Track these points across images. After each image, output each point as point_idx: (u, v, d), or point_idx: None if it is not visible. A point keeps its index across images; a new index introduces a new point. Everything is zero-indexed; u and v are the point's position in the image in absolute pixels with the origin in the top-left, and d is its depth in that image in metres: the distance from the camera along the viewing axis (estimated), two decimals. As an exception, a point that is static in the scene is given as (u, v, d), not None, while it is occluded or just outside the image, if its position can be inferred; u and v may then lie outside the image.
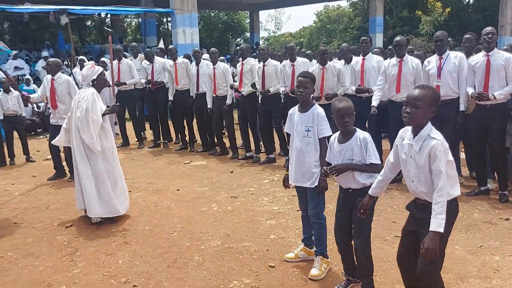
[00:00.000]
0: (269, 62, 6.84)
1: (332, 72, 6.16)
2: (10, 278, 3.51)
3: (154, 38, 17.09)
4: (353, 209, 3.02)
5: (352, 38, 24.00)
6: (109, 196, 4.55)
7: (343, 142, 3.03)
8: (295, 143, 3.46)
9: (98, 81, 4.56)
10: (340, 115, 2.97)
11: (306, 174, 3.42)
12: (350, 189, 3.04)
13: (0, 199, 5.55)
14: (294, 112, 3.53)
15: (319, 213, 3.44)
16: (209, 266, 3.64)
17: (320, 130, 3.34)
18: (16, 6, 11.74)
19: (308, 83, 3.37)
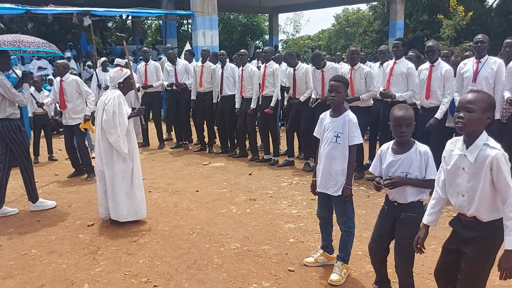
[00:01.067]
0: (300, 65, 6.79)
1: (360, 74, 6.07)
2: (35, 275, 3.59)
3: (175, 40, 17.26)
4: (397, 223, 2.88)
5: (371, 42, 23.86)
6: (121, 200, 4.53)
7: (399, 153, 2.84)
8: (323, 148, 3.42)
9: (124, 84, 4.61)
10: (397, 124, 2.77)
11: (331, 181, 3.37)
12: (396, 202, 2.88)
13: (24, 197, 5.66)
14: (325, 116, 3.48)
15: (347, 221, 3.39)
16: (229, 268, 3.66)
17: (351, 138, 3.28)
18: (41, 8, 11.99)
19: (340, 87, 3.31)
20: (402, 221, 2.86)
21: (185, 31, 22.45)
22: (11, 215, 4.99)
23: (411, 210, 2.84)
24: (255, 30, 27.00)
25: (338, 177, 3.33)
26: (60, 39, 20.25)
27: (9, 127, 4.93)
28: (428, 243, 4.00)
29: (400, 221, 2.87)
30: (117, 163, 4.52)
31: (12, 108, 4.96)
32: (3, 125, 4.90)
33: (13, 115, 4.97)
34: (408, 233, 2.82)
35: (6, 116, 4.91)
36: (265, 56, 7.19)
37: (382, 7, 22.38)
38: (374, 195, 5.50)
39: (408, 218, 2.85)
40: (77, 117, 6.38)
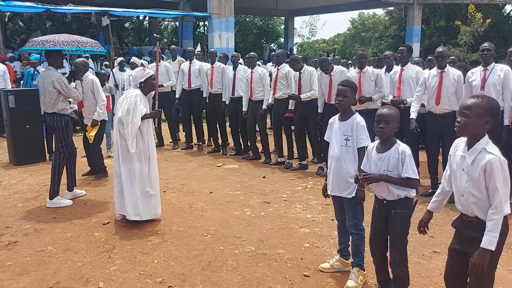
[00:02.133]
0: (304, 68, 6.78)
1: (369, 77, 6.08)
2: (50, 272, 3.61)
3: (190, 41, 17.34)
4: (388, 220, 2.98)
5: (387, 47, 23.70)
6: (136, 199, 4.54)
7: (381, 152, 2.97)
8: (333, 152, 3.43)
9: (146, 85, 4.62)
10: (377, 120, 2.93)
11: (343, 184, 3.38)
12: (385, 200, 2.98)
13: (40, 194, 5.73)
14: (334, 120, 3.51)
15: (357, 224, 3.40)
16: (243, 271, 3.64)
17: (358, 140, 3.31)
18: (60, 7, 12.15)
19: (347, 91, 3.34)
20: (393, 218, 2.96)
21: (201, 33, 22.58)
22: (29, 211, 5.04)
23: (399, 207, 2.94)
24: (271, 33, 27.03)
25: (350, 179, 3.34)
26: (78, 39, 20.50)
27: (59, 121, 5.24)
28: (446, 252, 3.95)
29: (391, 218, 2.96)
30: (134, 162, 4.53)
31: (64, 103, 5.27)
32: (54, 119, 5.22)
33: (63, 111, 5.27)
34: (399, 228, 2.96)
35: (57, 111, 5.21)
36: (277, 59, 7.19)
37: (399, 12, 22.23)
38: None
39: (398, 214, 2.95)
40: (91, 117, 6.39)
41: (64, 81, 5.22)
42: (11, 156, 7.38)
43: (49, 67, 5.30)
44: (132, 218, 4.56)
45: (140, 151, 4.58)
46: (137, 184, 4.56)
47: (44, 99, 5.32)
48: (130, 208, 4.55)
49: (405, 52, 6.14)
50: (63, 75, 5.46)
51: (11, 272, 3.61)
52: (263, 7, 21.62)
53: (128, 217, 4.58)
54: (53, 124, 5.25)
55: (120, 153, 4.55)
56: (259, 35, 26.45)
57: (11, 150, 7.34)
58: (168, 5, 16.18)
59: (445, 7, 20.46)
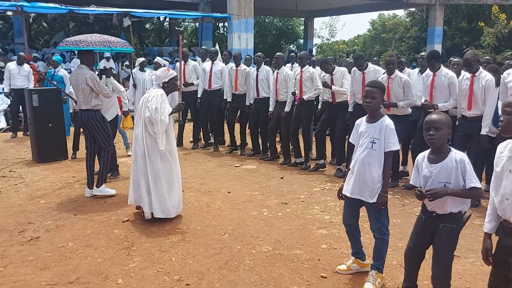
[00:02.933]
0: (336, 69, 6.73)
1: (397, 83, 5.92)
2: (71, 267, 3.68)
3: (210, 42, 17.45)
4: (435, 233, 2.79)
5: (408, 48, 23.44)
6: (163, 196, 4.63)
7: (435, 162, 2.74)
8: (358, 154, 3.37)
9: (169, 85, 4.70)
10: (426, 126, 2.71)
11: (365, 188, 3.32)
12: (434, 213, 2.79)
13: (62, 191, 5.84)
14: (361, 122, 3.43)
15: (381, 228, 3.32)
16: (260, 271, 3.64)
17: (387, 144, 3.22)
18: (83, 8, 12.38)
19: (376, 93, 3.26)
20: (441, 232, 2.77)
21: (220, 33, 22.70)
22: (50, 208, 5.14)
23: (450, 221, 2.75)
24: (290, 34, 27.01)
25: (373, 183, 3.28)
26: (99, 39, 20.87)
27: (94, 116, 5.49)
28: (466, 256, 3.90)
29: (439, 232, 2.78)
30: (160, 160, 4.61)
31: (96, 100, 5.52)
32: (88, 115, 5.48)
33: (96, 106, 5.54)
34: (447, 244, 2.77)
35: (92, 107, 5.48)
36: (300, 61, 7.16)
37: (420, 13, 21.96)
38: (409, 204, 5.38)
39: (447, 229, 2.76)
40: (109, 113, 6.40)
41: (96, 78, 5.46)
42: (34, 154, 7.54)
43: (81, 65, 5.54)
44: (158, 216, 4.62)
45: (166, 149, 4.65)
46: (163, 182, 4.63)
47: (78, 96, 5.53)
48: (157, 205, 4.61)
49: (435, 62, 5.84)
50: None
51: (33, 267, 3.69)
52: (282, 8, 21.62)
53: (155, 215, 4.63)
54: (88, 120, 5.48)
55: (147, 152, 4.61)
56: (278, 36, 26.45)
57: (34, 148, 7.50)
58: (188, 6, 16.32)
59: (467, 8, 20.13)
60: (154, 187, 4.62)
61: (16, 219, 4.77)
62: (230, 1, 13.85)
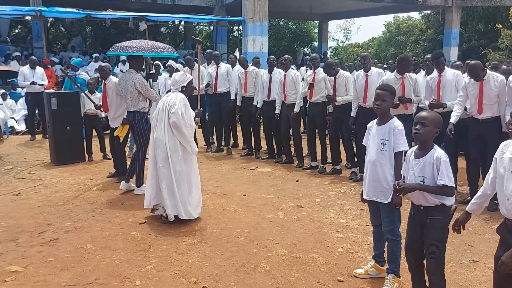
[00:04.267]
0: (340, 73, 6.75)
1: (409, 82, 5.96)
2: (89, 268, 3.73)
3: (225, 46, 17.54)
4: (424, 227, 2.89)
5: (423, 50, 23.22)
6: (184, 198, 4.68)
7: (418, 157, 2.89)
8: (370, 156, 3.40)
9: (187, 88, 4.80)
10: (414, 122, 2.86)
11: (379, 189, 3.34)
12: (421, 206, 2.89)
13: (80, 193, 5.92)
14: (372, 125, 3.48)
15: (394, 229, 3.35)
16: (277, 274, 3.65)
17: (395, 144, 3.26)
18: (100, 12, 12.55)
19: (386, 96, 3.30)
20: (429, 225, 2.87)
21: (234, 37, 22.79)
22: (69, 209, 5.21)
23: (437, 213, 2.84)
24: (304, 37, 26.96)
25: (386, 184, 3.30)
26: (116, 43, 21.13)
27: (140, 118, 5.77)
28: (485, 262, 3.85)
29: (427, 224, 2.87)
30: (184, 163, 4.69)
31: (143, 103, 5.80)
32: (135, 116, 5.76)
33: (143, 109, 5.82)
34: (436, 236, 2.87)
35: (138, 109, 5.75)
36: (314, 63, 7.17)
37: (436, 15, 21.76)
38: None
39: (435, 221, 2.86)
40: (119, 120, 6.46)
41: (145, 82, 5.74)
42: (52, 156, 7.66)
43: (130, 69, 5.83)
44: (183, 218, 4.68)
45: (186, 153, 4.72)
46: (185, 184, 4.70)
47: (126, 98, 5.80)
48: (181, 208, 4.66)
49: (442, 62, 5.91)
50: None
51: (53, 267, 3.75)
52: (297, 11, 21.60)
53: (181, 217, 4.68)
54: (134, 121, 5.77)
55: (170, 155, 4.66)
56: (292, 39, 26.44)
57: (52, 150, 7.62)
58: (203, 10, 16.44)
59: (484, 10, 19.90)
60: (178, 190, 4.67)
61: (35, 220, 4.86)
62: (245, 4, 13.91)
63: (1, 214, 5.04)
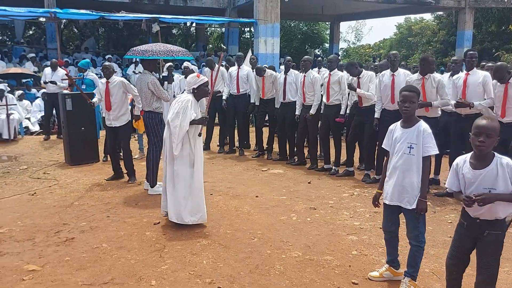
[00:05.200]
0: (364, 73, 6.67)
1: (431, 83, 5.81)
2: (105, 268, 3.77)
3: (236, 47, 17.59)
4: (479, 241, 2.74)
5: (435, 52, 23.07)
6: (177, 201, 4.61)
7: (479, 168, 2.68)
8: (395, 161, 3.33)
9: (198, 91, 4.73)
10: (477, 132, 2.61)
11: (404, 194, 3.28)
12: (478, 219, 2.72)
13: (95, 193, 5.99)
14: (395, 128, 3.40)
15: (418, 236, 3.29)
16: (291, 276, 3.65)
17: (425, 148, 3.18)
18: (113, 14, 12.67)
19: (414, 97, 3.24)
20: (486, 239, 2.72)
21: (246, 38, 22.84)
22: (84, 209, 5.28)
23: (495, 228, 2.70)
24: (315, 38, 26.94)
25: (412, 189, 3.24)
26: (128, 44, 21.29)
27: (153, 118, 5.88)
28: (501, 265, 3.80)
29: (483, 239, 2.73)
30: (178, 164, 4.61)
31: (157, 103, 5.89)
32: (149, 116, 5.88)
33: (157, 109, 5.90)
34: (493, 251, 2.72)
35: (153, 109, 5.86)
36: (330, 64, 7.13)
37: (449, 17, 21.59)
38: (440, 211, 5.30)
39: (492, 236, 2.72)
40: (122, 119, 6.51)
41: (157, 83, 5.82)
42: (66, 156, 7.75)
43: (145, 71, 5.98)
44: (172, 220, 4.65)
45: (187, 155, 4.64)
46: (180, 186, 4.62)
47: (141, 99, 5.95)
48: (171, 209, 4.64)
49: (475, 57, 5.82)
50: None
51: (69, 267, 3.79)
52: (309, 12, 21.59)
53: (169, 218, 4.68)
54: (149, 120, 5.89)
55: (168, 154, 4.67)
56: (303, 40, 26.43)
57: (67, 150, 7.71)
58: (215, 11, 16.51)
59: (498, 12, 19.70)
60: (171, 190, 4.64)
61: (51, 220, 4.92)
62: (257, 6, 13.96)
63: (17, 214, 5.11)
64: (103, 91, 6.53)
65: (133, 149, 8.80)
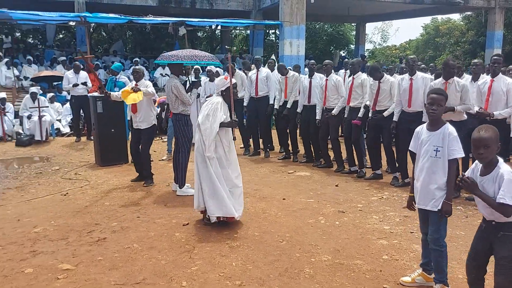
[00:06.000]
0: (385, 78, 6.62)
1: (455, 87, 5.70)
2: (137, 268, 3.83)
3: (261, 49, 17.64)
4: (495, 243, 2.77)
5: (464, 53, 22.59)
6: (223, 198, 4.70)
7: (483, 174, 2.79)
8: (421, 163, 3.32)
9: (227, 93, 4.81)
10: (475, 145, 2.72)
11: (430, 197, 3.26)
12: (493, 221, 2.77)
13: (125, 194, 6.10)
14: (421, 130, 3.39)
15: (439, 239, 3.25)
16: (321, 280, 3.63)
17: (451, 151, 3.17)
18: (141, 18, 12.88)
19: (442, 100, 3.23)
20: (500, 240, 2.74)
21: (270, 40, 22.84)
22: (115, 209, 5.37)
23: (510, 229, 2.71)
24: (341, 40, 26.74)
25: (438, 192, 3.22)
26: (155, 47, 21.63)
27: (180, 120, 6.03)
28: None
29: (498, 240, 2.75)
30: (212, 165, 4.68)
31: (183, 105, 6.04)
32: (176, 118, 6.06)
33: (183, 111, 6.05)
34: (507, 252, 2.72)
35: (179, 112, 6.03)
36: (352, 68, 7.09)
37: (478, 16, 21.11)
38: (473, 215, 5.18)
39: (506, 237, 2.73)
40: (147, 121, 6.54)
41: (179, 87, 5.96)
42: (97, 157, 7.92)
43: (171, 75, 6.22)
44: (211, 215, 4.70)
45: (220, 156, 4.73)
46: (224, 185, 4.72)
47: (169, 102, 6.19)
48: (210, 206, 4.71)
49: (501, 62, 5.73)
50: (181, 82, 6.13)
51: (102, 266, 3.87)
52: (334, 13, 21.46)
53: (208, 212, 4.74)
54: (176, 122, 6.06)
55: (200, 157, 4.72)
56: (329, 42, 26.28)
57: (97, 152, 7.88)
58: (240, 14, 16.59)
59: (530, 11, 19.17)
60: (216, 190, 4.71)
61: (84, 220, 5.03)
62: (283, 8, 13.95)
63: (51, 213, 5.25)
64: None
65: (162, 151, 9.01)
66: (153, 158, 8.26)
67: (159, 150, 9.22)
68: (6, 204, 5.67)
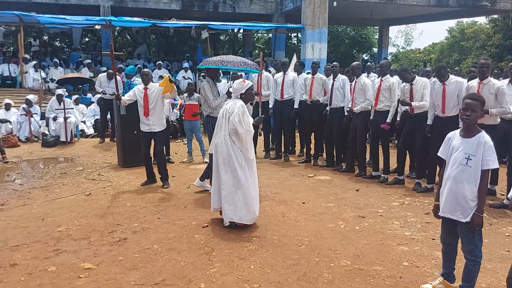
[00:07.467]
0: (417, 79, 6.49)
1: (489, 89, 5.56)
2: (156, 269, 3.87)
3: (283, 53, 17.62)
4: None
5: (490, 57, 22.05)
6: (241, 203, 4.74)
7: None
8: (450, 170, 3.22)
9: (246, 95, 4.86)
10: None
11: (457, 206, 3.17)
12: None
13: (146, 195, 6.17)
14: (453, 136, 3.29)
15: (474, 249, 3.16)
16: (339, 285, 3.60)
17: (485, 161, 3.06)
18: (165, 21, 13.05)
19: (477, 106, 3.12)
20: None
21: (292, 43, 22.84)
22: (136, 210, 5.45)
23: None
24: (364, 43, 26.48)
25: (465, 202, 3.12)
26: (178, 51, 21.87)
27: (209, 122, 6.27)
28: None
29: None
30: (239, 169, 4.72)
31: (210, 108, 6.25)
32: (207, 120, 6.36)
33: (212, 114, 6.24)
34: None
35: (208, 113, 6.32)
36: (381, 70, 6.99)
37: (505, 19, 20.63)
38: (497, 223, 5.06)
39: None
40: (161, 123, 6.60)
41: (205, 88, 6.23)
42: (119, 159, 8.04)
43: (207, 78, 6.48)
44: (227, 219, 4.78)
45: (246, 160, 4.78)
46: (243, 190, 4.74)
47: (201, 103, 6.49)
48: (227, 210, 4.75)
49: None
50: None
51: (122, 266, 3.92)
52: (357, 17, 21.29)
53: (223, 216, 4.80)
54: (206, 124, 6.38)
55: (222, 161, 4.76)
56: (351, 45, 26.06)
57: (120, 153, 8.00)
58: (263, 17, 16.63)
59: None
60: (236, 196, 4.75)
61: (105, 220, 5.12)
62: (305, 11, 13.93)
63: (74, 213, 5.36)
64: (141, 98, 6.55)
65: (182, 153, 9.10)
66: (173, 160, 8.39)
67: (180, 152, 9.31)
68: (31, 203, 5.82)
